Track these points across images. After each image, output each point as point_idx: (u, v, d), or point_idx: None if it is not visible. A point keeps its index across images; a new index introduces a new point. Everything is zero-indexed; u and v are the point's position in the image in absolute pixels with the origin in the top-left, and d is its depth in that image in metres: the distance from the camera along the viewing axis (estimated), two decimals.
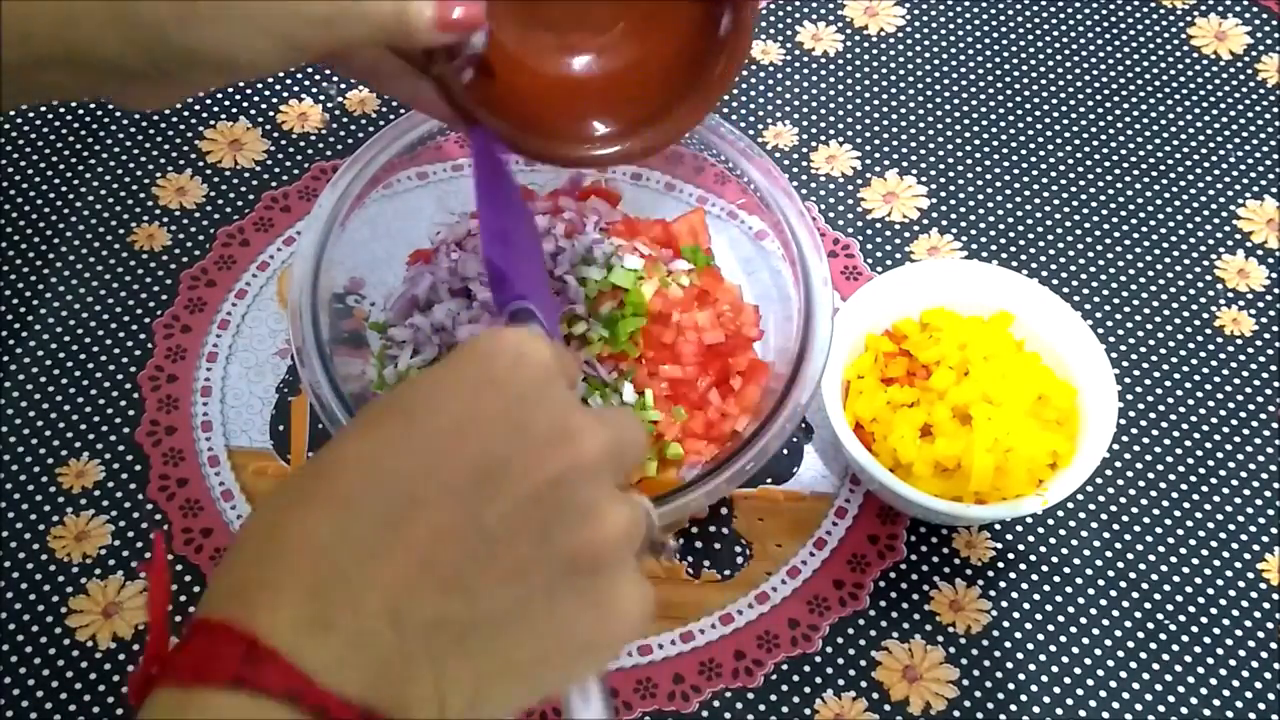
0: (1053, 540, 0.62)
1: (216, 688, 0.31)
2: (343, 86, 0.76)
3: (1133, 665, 0.59)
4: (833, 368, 0.59)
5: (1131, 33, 0.80)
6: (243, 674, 0.31)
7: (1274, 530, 0.63)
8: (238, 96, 0.75)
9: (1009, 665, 0.59)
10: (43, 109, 0.74)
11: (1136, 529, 0.63)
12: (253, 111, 0.75)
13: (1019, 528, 0.62)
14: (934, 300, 0.64)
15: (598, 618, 0.35)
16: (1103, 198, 0.73)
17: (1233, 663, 0.59)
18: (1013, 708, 0.58)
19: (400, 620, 0.32)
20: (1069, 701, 0.58)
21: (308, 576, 0.32)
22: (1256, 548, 0.62)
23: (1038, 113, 0.76)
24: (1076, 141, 0.75)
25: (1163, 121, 0.76)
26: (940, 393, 0.60)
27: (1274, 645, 0.60)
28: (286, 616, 0.32)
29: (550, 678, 0.36)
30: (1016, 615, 0.60)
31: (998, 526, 0.62)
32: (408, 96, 0.51)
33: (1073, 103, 0.77)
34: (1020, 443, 0.58)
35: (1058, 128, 0.76)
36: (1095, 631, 0.60)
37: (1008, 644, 0.59)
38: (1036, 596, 0.61)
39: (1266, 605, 0.61)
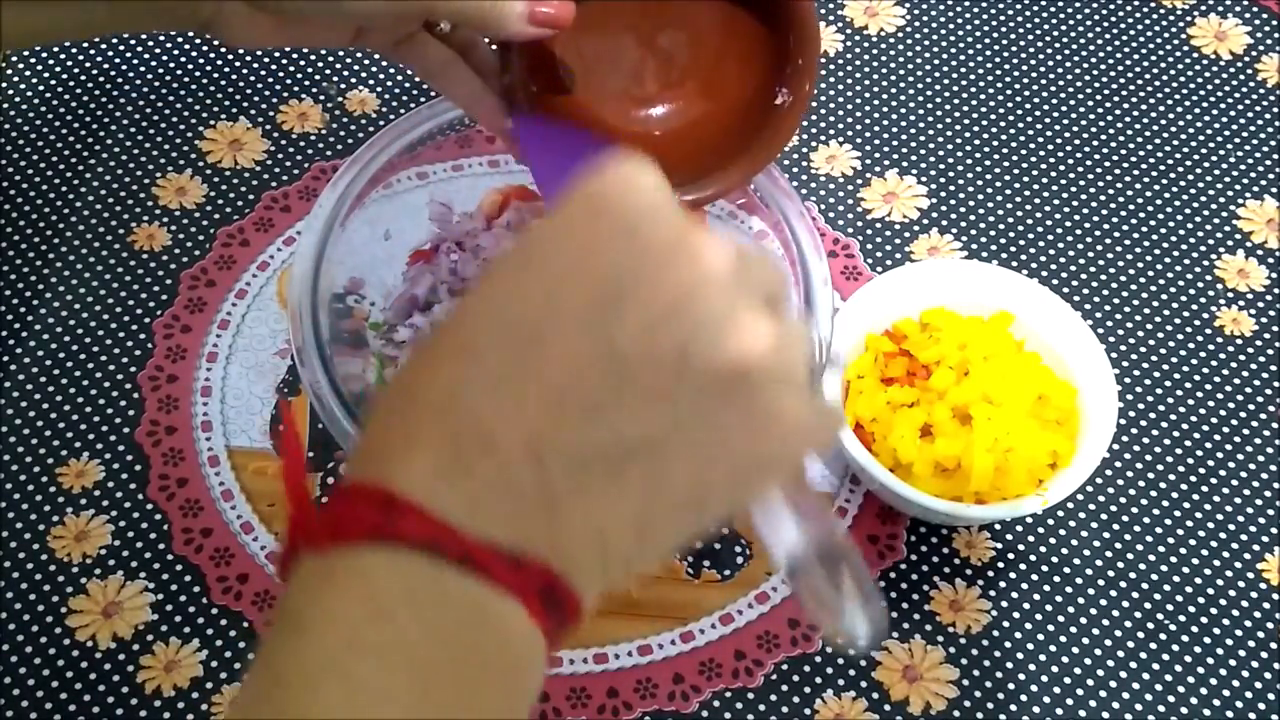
0: (1053, 540, 0.62)
1: (355, 545, 0.30)
2: (343, 87, 0.76)
3: (1133, 665, 0.59)
4: (833, 368, 0.59)
5: (1131, 33, 0.80)
6: (381, 528, 0.30)
7: (1274, 530, 0.63)
8: (237, 96, 0.75)
9: (1009, 665, 0.59)
10: (42, 109, 0.74)
11: (1136, 529, 0.63)
12: (253, 111, 0.75)
13: (1019, 528, 0.62)
14: (934, 300, 0.64)
15: (757, 430, 0.33)
16: (1103, 198, 0.73)
17: (1233, 663, 0.59)
18: (1013, 708, 0.58)
19: (542, 458, 0.31)
20: (1069, 701, 0.58)
21: (439, 425, 0.31)
22: (1256, 548, 0.62)
23: (1038, 113, 0.76)
24: (1076, 141, 0.75)
25: (1163, 121, 0.76)
26: (940, 393, 0.60)
27: (1274, 645, 0.60)
28: (421, 467, 0.31)
29: (715, 501, 0.34)
30: (1016, 615, 0.60)
31: (998, 526, 0.62)
32: (464, 101, 0.51)
33: (1073, 103, 0.77)
34: (1020, 443, 0.58)
35: (1058, 128, 0.76)
36: (1095, 631, 0.60)
37: (1008, 644, 0.59)
38: (1036, 596, 0.61)
39: (1266, 605, 0.61)
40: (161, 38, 0.78)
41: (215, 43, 0.78)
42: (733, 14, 0.51)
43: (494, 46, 0.50)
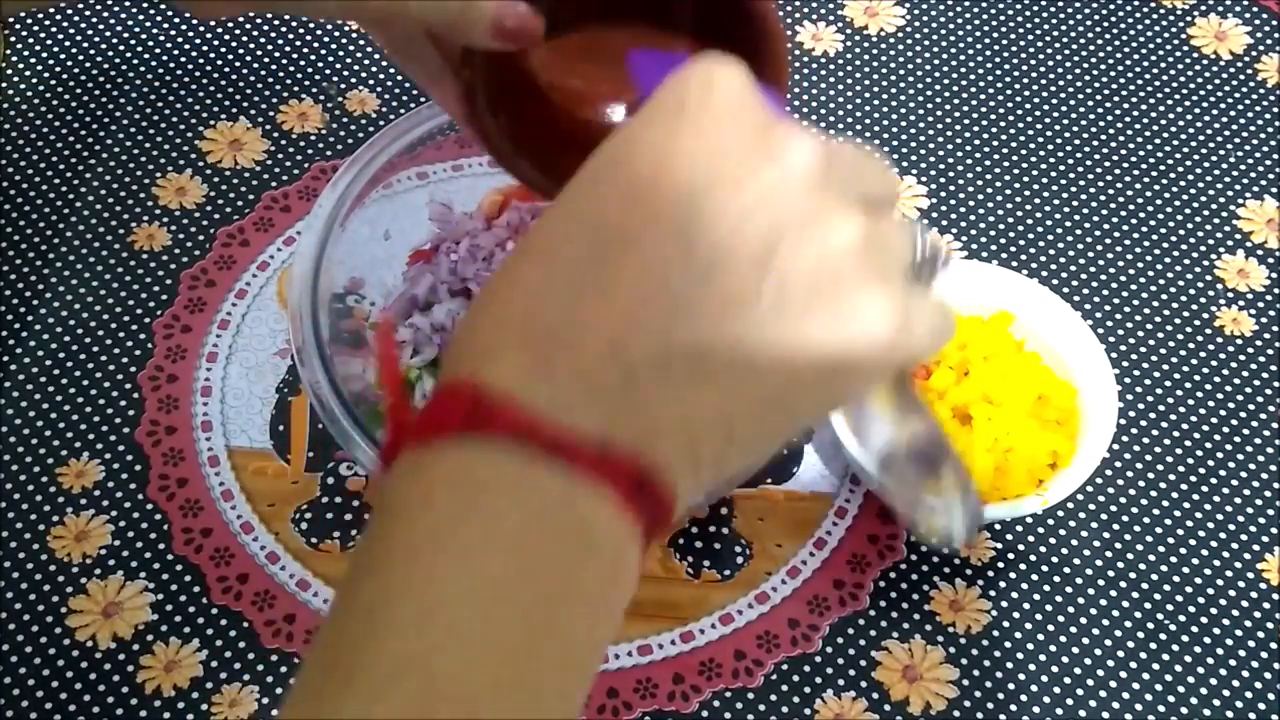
0: (1053, 540, 0.62)
1: (448, 440, 0.30)
2: (342, 87, 0.76)
3: (1133, 665, 0.59)
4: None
5: (1131, 33, 0.80)
6: (470, 422, 0.30)
7: (1274, 530, 0.63)
8: (237, 96, 0.75)
9: (1009, 665, 0.59)
10: (42, 109, 0.74)
11: (1136, 529, 0.63)
12: (253, 111, 0.75)
13: (1019, 528, 0.62)
14: None
15: (842, 332, 0.32)
16: (1103, 198, 0.73)
17: (1233, 663, 0.59)
18: (1013, 708, 0.58)
19: (625, 355, 0.31)
20: (1069, 701, 0.58)
21: (525, 326, 0.31)
22: (1256, 548, 0.62)
23: (1038, 113, 0.76)
24: (1076, 141, 0.75)
25: (1163, 121, 0.76)
26: (940, 393, 0.60)
27: (1274, 645, 0.60)
28: (509, 365, 0.31)
29: (805, 402, 0.33)
30: (1016, 615, 0.60)
31: (998, 526, 0.62)
32: (426, 81, 0.51)
33: (1073, 103, 0.77)
34: (1020, 443, 0.58)
35: (1058, 128, 0.76)
36: (1095, 631, 0.60)
37: (1008, 644, 0.59)
38: (1036, 596, 0.61)
39: (1266, 605, 0.61)
40: (161, 38, 0.78)
41: (215, 43, 0.78)
42: (703, 38, 0.50)
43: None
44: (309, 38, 0.78)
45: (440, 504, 0.30)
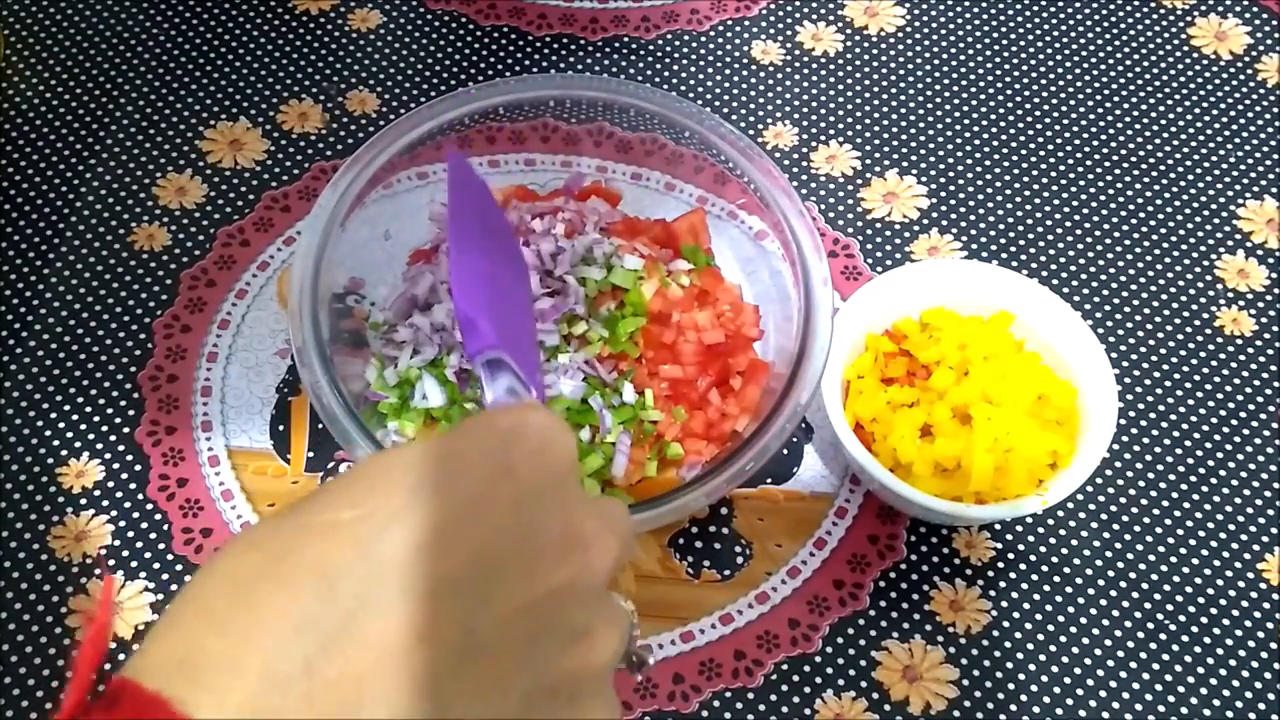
0: (1053, 540, 0.62)
1: None
2: (343, 87, 0.76)
3: (1133, 665, 0.59)
4: (833, 367, 0.59)
5: (1131, 33, 0.80)
6: None
7: (1274, 530, 0.63)
8: (237, 96, 0.75)
9: (1009, 665, 0.59)
10: (42, 109, 0.74)
11: (1136, 529, 0.63)
12: (253, 111, 0.75)
13: (1019, 528, 0.62)
14: (934, 300, 0.64)
15: None
16: (1103, 198, 0.73)
17: (1233, 663, 0.59)
18: (1013, 708, 0.58)
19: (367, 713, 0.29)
20: (1069, 701, 0.58)
21: (268, 662, 0.28)
22: (1256, 548, 0.62)
23: (1038, 113, 0.76)
24: (1076, 141, 0.75)
25: (1163, 121, 0.76)
26: (940, 393, 0.60)
27: (1274, 645, 0.60)
28: (233, 707, 0.28)
29: None
30: (1016, 615, 0.60)
31: (998, 526, 0.62)
32: None
33: (1073, 103, 0.77)
34: (1020, 443, 0.58)
35: (1058, 128, 0.76)
36: (1095, 631, 0.60)
37: (1008, 644, 0.59)
38: (1036, 596, 0.61)
39: (1266, 605, 0.61)
40: (161, 38, 0.78)
41: (215, 43, 0.78)
42: None
43: None
44: (309, 38, 0.78)
45: None
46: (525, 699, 0.31)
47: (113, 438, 0.64)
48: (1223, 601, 0.61)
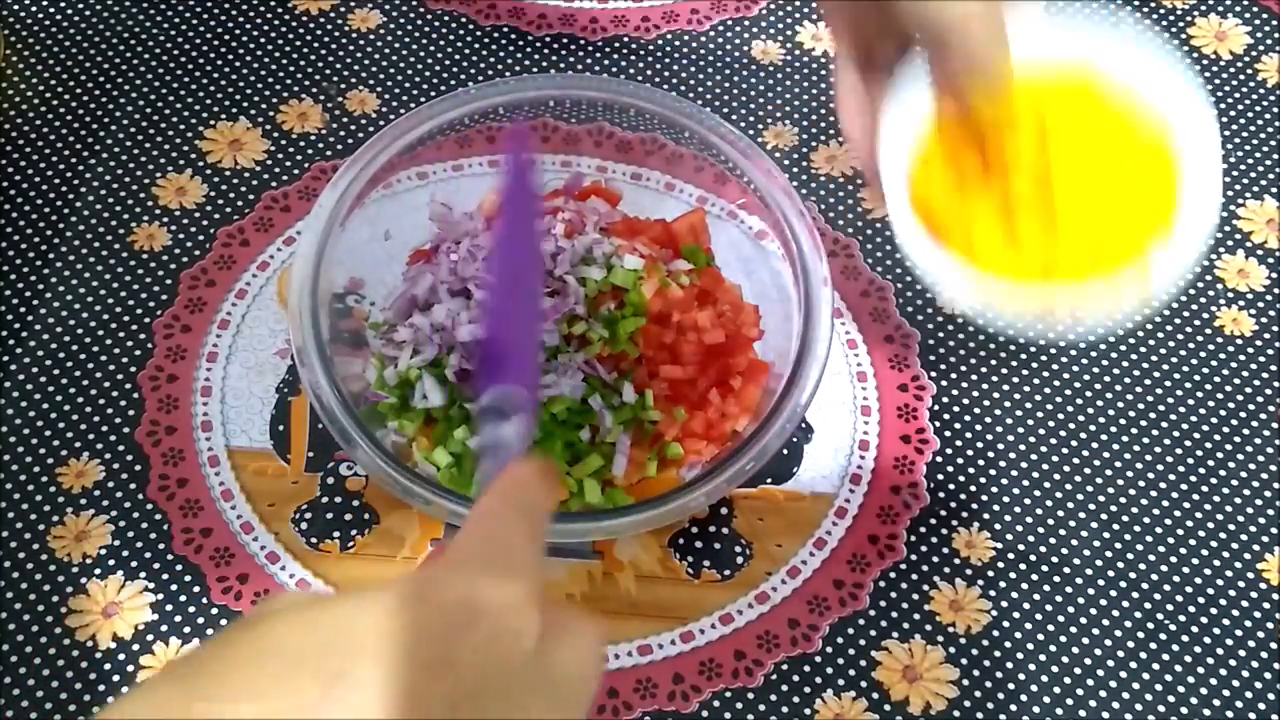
0: (1053, 540, 0.62)
1: None
2: (343, 87, 0.76)
3: (1133, 665, 0.59)
4: (892, 149, 0.51)
5: None
6: None
7: (1274, 530, 0.63)
8: (237, 96, 0.75)
9: (1009, 665, 0.59)
10: (42, 109, 0.74)
11: (1136, 529, 0.63)
12: (253, 111, 0.75)
13: (1019, 527, 0.62)
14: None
15: None
16: None
17: (1233, 663, 0.59)
18: (1013, 708, 0.58)
19: None
20: (1069, 701, 0.58)
21: None
22: (1256, 548, 0.62)
23: None
24: None
25: None
26: (1019, 162, 0.50)
27: (1274, 645, 0.60)
28: None
29: None
30: (1016, 615, 0.60)
31: (998, 526, 0.62)
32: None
33: None
34: (1111, 213, 0.49)
35: None
36: (1095, 631, 0.60)
37: (1008, 644, 0.59)
38: (1036, 596, 0.61)
39: (1266, 605, 0.61)
40: (161, 38, 0.78)
41: (215, 43, 0.78)
42: None
43: None
44: (309, 38, 0.78)
45: None
46: None
47: (113, 438, 0.64)
48: (1223, 601, 0.61)
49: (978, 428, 0.65)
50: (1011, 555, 0.62)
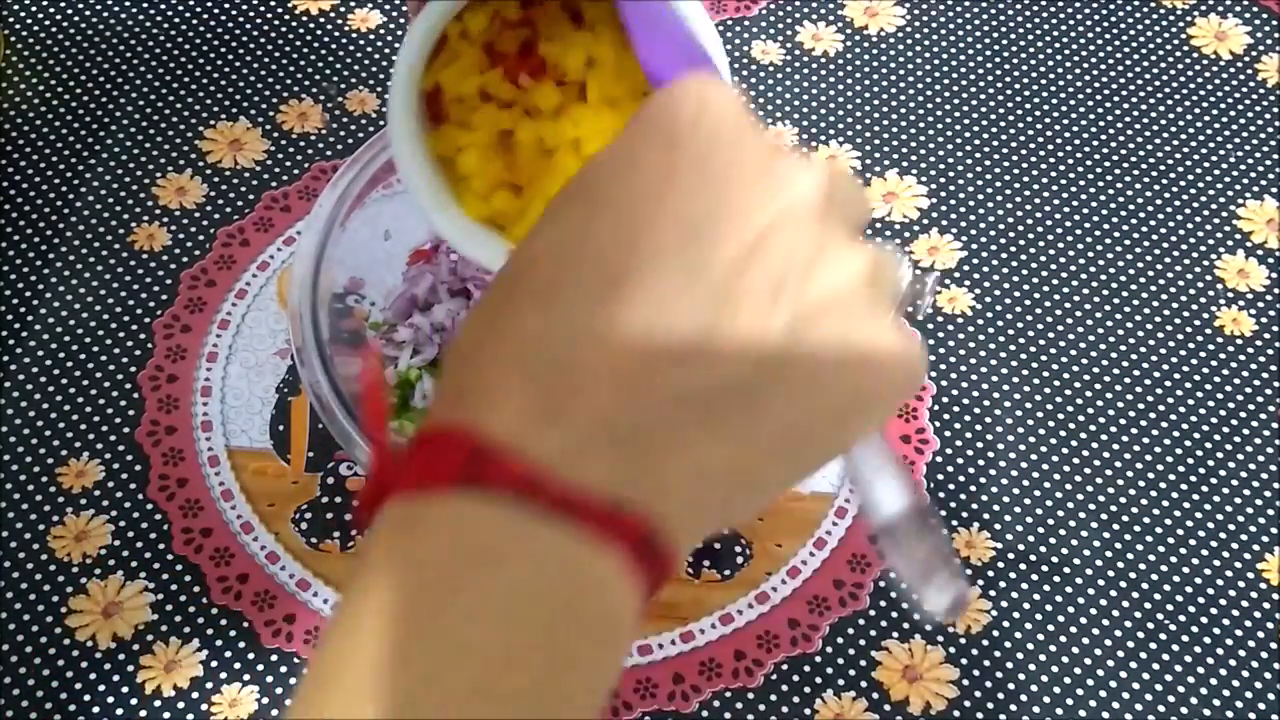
0: (1053, 540, 0.62)
1: (443, 492, 0.28)
2: (343, 87, 0.76)
3: (1133, 665, 0.59)
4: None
5: (1131, 33, 0.80)
6: (470, 473, 0.28)
7: (1274, 530, 0.63)
8: (237, 96, 0.75)
9: (1009, 665, 0.59)
10: (42, 109, 0.74)
11: (1136, 529, 0.63)
12: (253, 111, 0.75)
13: (1019, 527, 0.62)
14: None
15: (855, 365, 0.31)
16: (1102, 198, 0.73)
17: (1233, 663, 0.59)
18: (1013, 708, 0.58)
19: (634, 401, 0.29)
20: (1069, 701, 0.58)
21: (527, 370, 0.29)
22: (1256, 548, 0.62)
23: (1038, 113, 0.76)
24: (1076, 141, 0.75)
25: (1163, 121, 0.76)
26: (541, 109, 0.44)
27: (1274, 645, 0.60)
28: (510, 412, 0.29)
29: (817, 442, 0.31)
30: (1016, 615, 0.60)
31: (998, 526, 0.62)
32: None
33: (1073, 103, 0.77)
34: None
35: (1058, 128, 0.76)
36: (1095, 631, 0.60)
37: (1008, 644, 0.59)
38: (1036, 596, 0.61)
39: (1266, 605, 0.61)
40: (161, 38, 0.78)
41: (215, 43, 0.78)
42: None
43: None
44: (309, 38, 0.78)
45: (435, 567, 0.28)
46: (793, 337, 0.30)
47: (113, 438, 0.64)
48: (1223, 601, 0.61)
49: (978, 428, 0.65)
50: (1011, 555, 0.62)
